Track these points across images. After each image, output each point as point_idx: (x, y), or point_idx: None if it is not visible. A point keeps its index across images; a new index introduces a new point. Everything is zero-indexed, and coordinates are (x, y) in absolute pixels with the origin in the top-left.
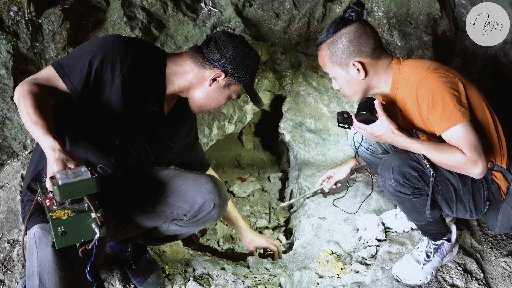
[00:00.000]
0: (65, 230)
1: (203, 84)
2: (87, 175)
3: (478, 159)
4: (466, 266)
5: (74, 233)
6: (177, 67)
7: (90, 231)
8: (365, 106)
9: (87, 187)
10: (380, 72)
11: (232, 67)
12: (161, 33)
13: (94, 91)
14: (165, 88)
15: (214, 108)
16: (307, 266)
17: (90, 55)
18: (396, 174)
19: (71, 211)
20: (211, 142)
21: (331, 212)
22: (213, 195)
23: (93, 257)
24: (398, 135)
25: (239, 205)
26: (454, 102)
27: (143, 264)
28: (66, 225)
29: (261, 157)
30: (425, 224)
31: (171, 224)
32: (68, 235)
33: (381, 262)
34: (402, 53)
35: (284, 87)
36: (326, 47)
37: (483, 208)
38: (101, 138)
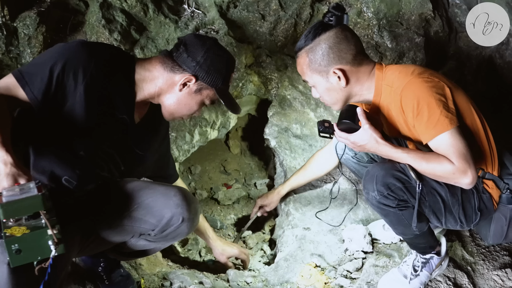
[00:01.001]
0: (20, 248)
1: (173, 90)
2: (33, 192)
3: (468, 168)
4: (457, 280)
5: (30, 251)
6: (146, 72)
7: (47, 248)
8: (347, 114)
9: (32, 205)
10: (362, 79)
11: (203, 71)
12: (141, 36)
13: (56, 100)
14: (135, 95)
15: (186, 114)
16: (290, 280)
17: (51, 62)
18: (380, 185)
19: (26, 228)
20: (192, 149)
21: (316, 223)
22: (181, 209)
23: (46, 277)
24: (382, 144)
25: (223, 213)
26: (441, 108)
27: (117, 279)
28: (20, 243)
29: (248, 162)
30: (412, 237)
31: (140, 239)
32: (23, 253)
33: (366, 276)
34: (392, 55)
35: (270, 91)
36: (304, 54)
37: (475, 218)
38: (66, 149)
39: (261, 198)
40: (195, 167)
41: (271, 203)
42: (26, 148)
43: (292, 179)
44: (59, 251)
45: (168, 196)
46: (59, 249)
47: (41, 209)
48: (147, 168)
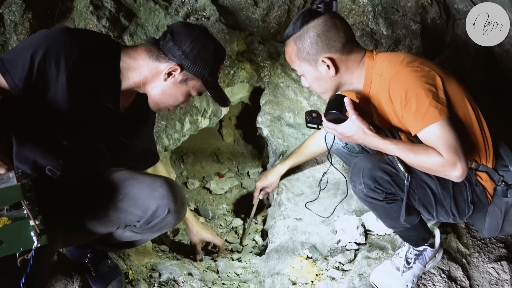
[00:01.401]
0: (1, 239)
1: (158, 79)
2: (13, 182)
3: (457, 161)
4: (451, 273)
5: (11, 242)
6: (131, 60)
7: (29, 240)
8: (334, 104)
9: (12, 195)
10: (352, 67)
11: (189, 61)
12: (130, 22)
13: (38, 89)
14: (120, 83)
15: (172, 105)
16: (280, 272)
17: (32, 49)
18: (367, 178)
19: (8, 219)
20: (183, 138)
21: (308, 213)
22: (167, 200)
23: (29, 269)
24: (370, 135)
25: (215, 202)
26: (430, 99)
27: (104, 270)
28: (1, 234)
29: (241, 151)
30: (403, 230)
31: (126, 231)
32: (4, 245)
33: (359, 268)
34: (388, 42)
35: (262, 79)
36: (292, 43)
37: (467, 212)
38: (50, 139)
39: (261, 181)
40: (187, 156)
41: (272, 183)
42: (8, 137)
43: (291, 158)
44: (41, 242)
45: (154, 187)
46: (41, 240)
47: (20, 199)
48: (132, 157)
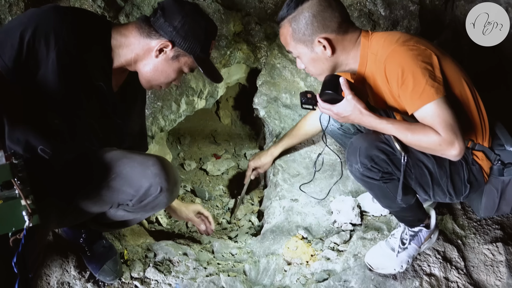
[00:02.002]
0: None
1: (150, 56)
2: (1, 161)
3: (455, 140)
4: (446, 254)
5: (3, 222)
6: (123, 38)
7: (21, 219)
8: (329, 85)
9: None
10: (348, 47)
11: (180, 37)
12: (126, 3)
13: (28, 68)
14: (111, 61)
15: (164, 82)
16: (275, 252)
17: (21, 28)
18: (363, 157)
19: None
20: (179, 119)
21: (304, 194)
22: (159, 178)
23: (20, 248)
24: (366, 115)
25: (212, 183)
26: (426, 77)
27: (99, 250)
28: None
29: (238, 132)
30: (399, 210)
31: (118, 210)
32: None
33: (354, 249)
34: (386, 23)
35: (259, 60)
36: (287, 24)
37: (464, 191)
38: (41, 118)
39: (254, 160)
40: (184, 137)
41: (265, 164)
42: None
43: (284, 140)
44: (33, 221)
45: (146, 165)
46: (33, 220)
47: (9, 178)
48: (125, 138)
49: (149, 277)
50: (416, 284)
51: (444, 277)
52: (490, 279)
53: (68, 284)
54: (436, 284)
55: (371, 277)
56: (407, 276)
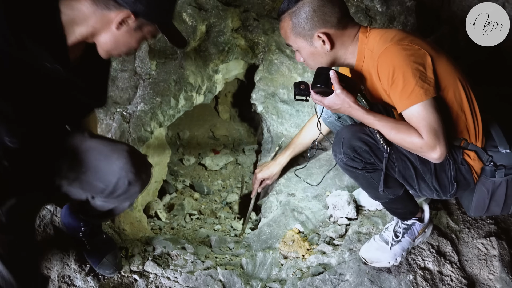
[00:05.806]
0: None
1: (110, 28)
2: None
3: (437, 144)
4: (440, 248)
5: None
6: (74, 12)
7: None
8: (320, 78)
9: None
10: (347, 43)
11: (142, 5)
12: None
13: None
14: (65, 39)
15: (125, 52)
16: (272, 246)
17: None
18: (346, 147)
19: None
20: (178, 114)
21: (300, 189)
22: (125, 172)
23: None
24: (355, 109)
25: (211, 178)
26: (417, 78)
27: (98, 244)
28: None
29: (237, 128)
30: (388, 202)
31: (96, 200)
32: None
33: (349, 243)
34: (383, 19)
35: (257, 55)
36: (288, 18)
37: (451, 189)
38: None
39: (262, 172)
40: (183, 132)
41: (274, 175)
42: None
43: (291, 148)
44: None
45: (111, 160)
46: None
47: None
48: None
49: (148, 271)
50: (410, 278)
51: (438, 271)
52: (483, 273)
53: (69, 277)
54: (430, 278)
55: (365, 270)
56: (401, 270)
